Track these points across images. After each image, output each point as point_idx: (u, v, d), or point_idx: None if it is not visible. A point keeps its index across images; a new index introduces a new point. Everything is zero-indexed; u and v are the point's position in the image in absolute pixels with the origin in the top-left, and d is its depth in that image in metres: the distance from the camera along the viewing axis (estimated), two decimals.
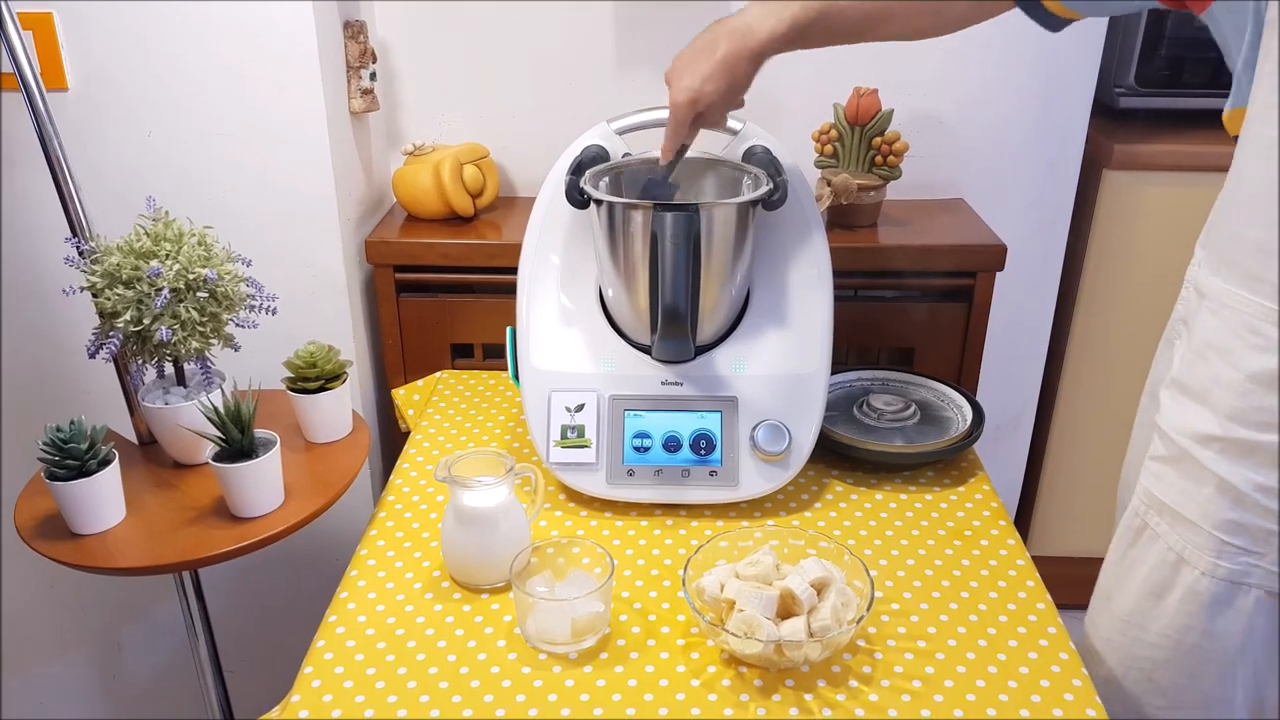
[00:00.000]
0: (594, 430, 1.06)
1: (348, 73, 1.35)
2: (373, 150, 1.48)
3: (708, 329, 1.08)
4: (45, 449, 1.00)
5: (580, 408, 1.06)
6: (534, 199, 1.13)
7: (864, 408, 1.19)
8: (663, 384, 1.07)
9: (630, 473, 1.05)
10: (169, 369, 1.15)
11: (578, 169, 1.06)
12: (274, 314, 1.14)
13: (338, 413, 1.20)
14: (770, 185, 1.03)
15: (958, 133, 1.52)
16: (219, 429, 1.04)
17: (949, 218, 1.48)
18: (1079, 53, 1.50)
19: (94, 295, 1.05)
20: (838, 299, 1.10)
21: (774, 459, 1.04)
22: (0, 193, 1.31)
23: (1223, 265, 0.78)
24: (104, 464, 1.03)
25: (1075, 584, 1.28)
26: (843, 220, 1.42)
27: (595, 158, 1.08)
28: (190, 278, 1.05)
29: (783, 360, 1.07)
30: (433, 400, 1.30)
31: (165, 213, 1.09)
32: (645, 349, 1.08)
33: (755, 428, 1.04)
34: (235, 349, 1.13)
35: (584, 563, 0.93)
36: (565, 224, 1.11)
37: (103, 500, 1.04)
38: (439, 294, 1.42)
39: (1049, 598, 0.93)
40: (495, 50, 1.48)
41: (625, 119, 1.11)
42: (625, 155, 1.11)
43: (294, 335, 1.23)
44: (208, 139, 1.28)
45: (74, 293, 1.06)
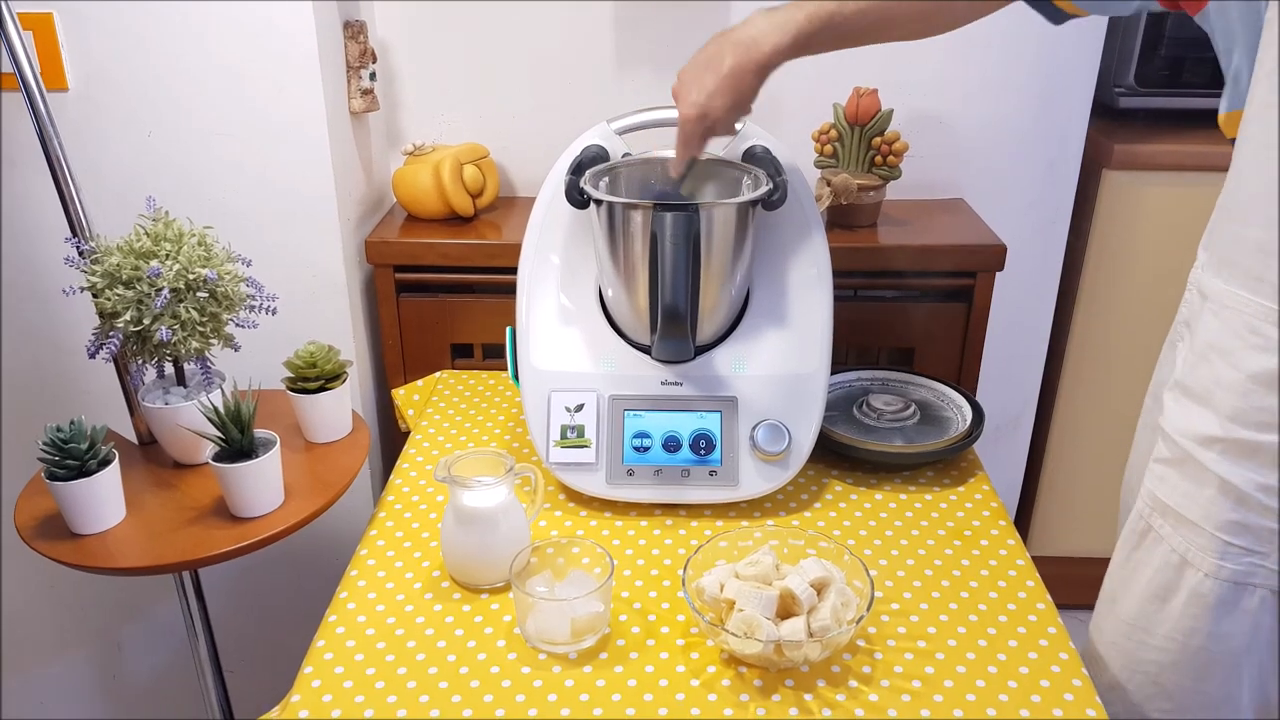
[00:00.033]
0: (594, 430, 1.05)
1: (348, 73, 1.35)
2: (373, 150, 1.48)
3: (707, 329, 1.08)
4: (45, 449, 1.00)
5: (580, 408, 1.06)
6: (534, 199, 1.13)
7: (864, 408, 1.19)
8: (662, 384, 1.07)
9: (630, 473, 1.05)
10: (169, 369, 1.15)
11: (578, 169, 1.06)
12: (274, 314, 1.14)
13: (338, 413, 1.20)
14: (770, 185, 1.03)
15: (957, 133, 1.52)
16: (219, 429, 1.04)
17: (949, 218, 1.48)
18: (1079, 53, 1.50)
19: (94, 295, 1.05)
20: (837, 299, 1.10)
21: (774, 459, 1.04)
22: (0, 193, 1.31)
23: (1224, 266, 0.78)
24: (104, 464, 1.03)
25: (1075, 584, 1.29)
26: (842, 220, 1.42)
27: (595, 158, 1.08)
28: (190, 278, 1.05)
29: (782, 360, 1.07)
30: (432, 400, 1.30)
31: (165, 213, 1.09)
32: (645, 349, 1.08)
33: (755, 428, 1.04)
34: (235, 349, 1.13)
35: (584, 563, 0.93)
36: (565, 224, 1.11)
37: (103, 500, 1.04)
38: (439, 294, 1.42)
39: (1049, 598, 0.93)
40: (495, 50, 1.48)
41: (625, 119, 1.11)
42: (625, 155, 1.11)
43: (294, 335, 1.23)
44: (208, 139, 1.28)
45: (74, 293, 1.06)
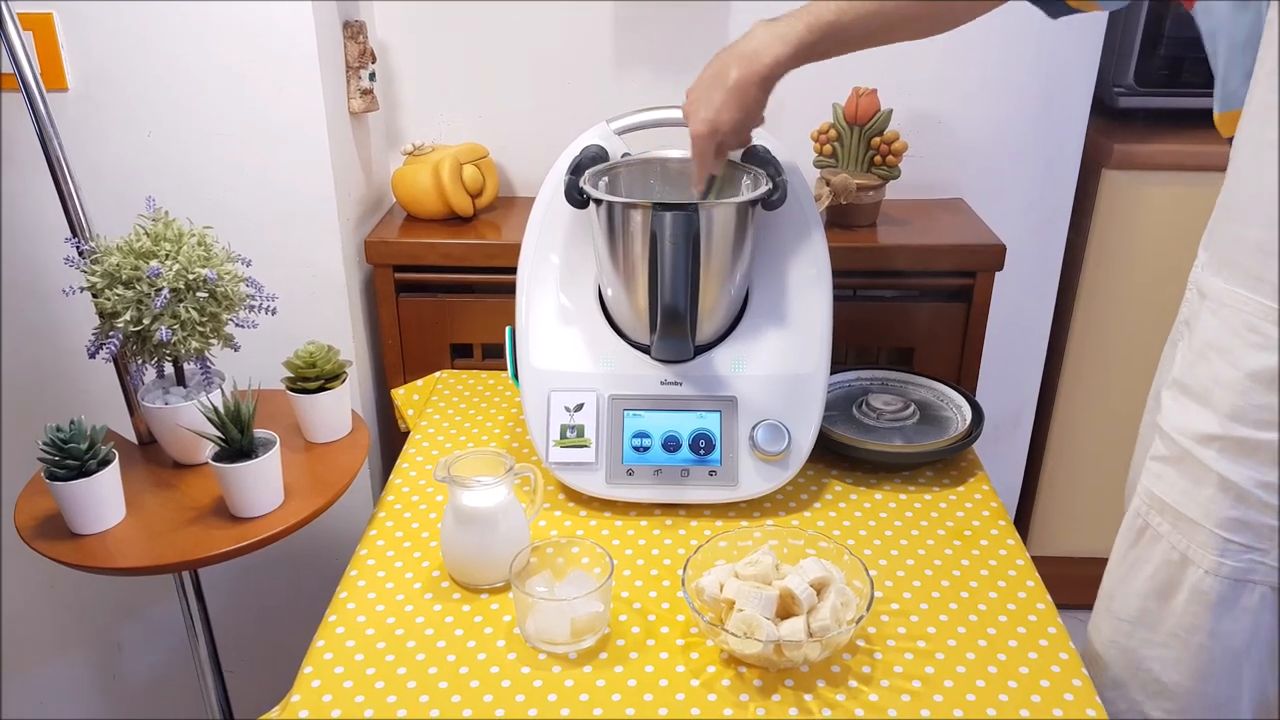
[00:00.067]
0: (593, 430, 1.05)
1: (347, 73, 1.35)
2: (372, 150, 1.48)
3: (707, 329, 1.08)
4: (45, 449, 1.00)
5: (579, 407, 1.06)
6: (534, 199, 1.13)
7: (863, 407, 1.19)
8: (662, 384, 1.07)
9: (629, 472, 1.05)
10: (169, 369, 1.15)
11: (577, 169, 1.06)
12: (274, 314, 1.14)
13: (337, 413, 1.20)
14: (769, 185, 1.03)
15: (957, 133, 1.52)
16: (219, 429, 1.04)
17: (948, 217, 1.48)
18: (1078, 52, 1.50)
19: (94, 295, 1.05)
20: (837, 299, 1.10)
21: (773, 459, 1.04)
22: (0, 193, 1.31)
23: (1223, 266, 0.78)
24: (104, 464, 1.03)
25: (1075, 584, 1.29)
26: (842, 220, 1.42)
27: (595, 158, 1.08)
28: (190, 278, 1.05)
29: (782, 360, 1.07)
30: (432, 400, 1.30)
31: (165, 213, 1.09)
32: (645, 349, 1.08)
33: (754, 427, 1.04)
34: (235, 349, 1.13)
35: (583, 563, 0.93)
36: (565, 224, 1.11)
37: (102, 500, 1.04)
38: (438, 294, 1.42)
39: (1049, 598, 0.93)
40: (495, 50, 1.48)
41: (625, 119, 1.11)
42: (625, 155, 1.11)
43: (294, 335, 1.23)
44: (208, 139, 1.28)
45: (74, 293, 1.06)
